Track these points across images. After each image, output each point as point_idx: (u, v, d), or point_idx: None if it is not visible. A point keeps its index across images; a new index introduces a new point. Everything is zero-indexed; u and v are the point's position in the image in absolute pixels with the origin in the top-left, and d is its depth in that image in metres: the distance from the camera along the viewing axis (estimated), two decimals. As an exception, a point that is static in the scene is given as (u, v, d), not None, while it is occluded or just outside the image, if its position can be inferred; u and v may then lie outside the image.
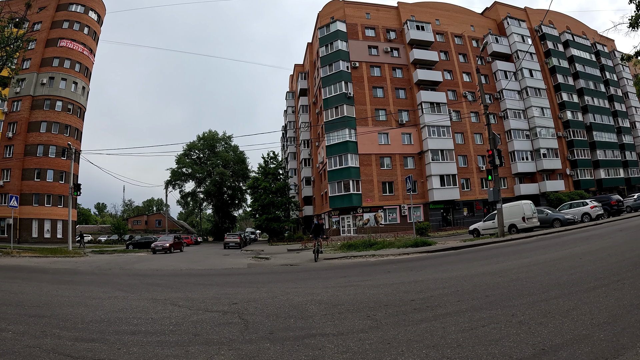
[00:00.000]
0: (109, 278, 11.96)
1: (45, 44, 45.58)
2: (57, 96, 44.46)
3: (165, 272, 14.08)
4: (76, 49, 46.32)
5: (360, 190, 39.24)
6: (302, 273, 12.23)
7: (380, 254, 17.39)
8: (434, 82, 43.78)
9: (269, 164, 47.90)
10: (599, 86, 57.10)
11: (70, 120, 45.16)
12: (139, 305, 6.57)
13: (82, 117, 47.26)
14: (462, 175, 43.22)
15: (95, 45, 49.45)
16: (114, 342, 4.26)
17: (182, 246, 33.90)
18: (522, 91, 49.15)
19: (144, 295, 7.83)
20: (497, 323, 4.38)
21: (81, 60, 46.80)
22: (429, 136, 41.41)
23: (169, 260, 20.98)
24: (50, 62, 45.13)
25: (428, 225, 34.39)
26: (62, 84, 45.02)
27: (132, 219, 73.22)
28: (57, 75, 44.80)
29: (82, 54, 46.92)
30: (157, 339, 4.37)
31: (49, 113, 43.89)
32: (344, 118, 39.97)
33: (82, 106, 46.79)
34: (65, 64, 45.44)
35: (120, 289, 8.93)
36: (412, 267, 11.33)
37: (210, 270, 14.57)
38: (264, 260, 19.68)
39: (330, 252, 21.49)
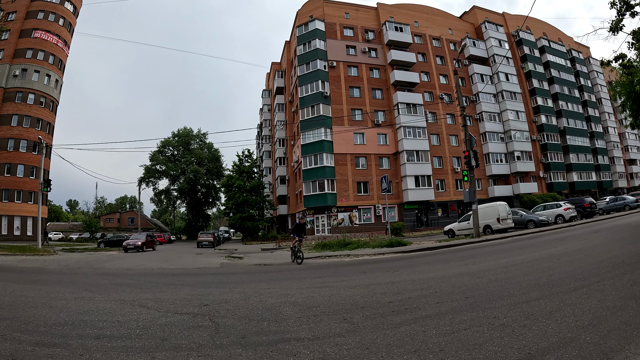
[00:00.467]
0: (77, 278, 11.64)
1: (19, 34, 44.21)
2: (30, 89, 43.15)
3: (136, 271, 13.76)
4: (50, 40, 45.04)
5: (335, 190, 39.01)
6: (275, 273, 12.02)
7: (355, 254, 17.28)
8: (410, 83, 43.85)
9: (244, 162, 47.37)
10: (573, 91, 58.15)
11: (43, 114, 43.88)
12: (106, 307, 6.34)
13: (54, 110, 45.98)
14: (437, 176, 43.37)
15: (70, 37, 48.19)
16: (77, 348, 4.06)
17: (155, 245, 33.19)
18: (497, 94, 49.62)
19: (112, 296, 7.60)
20: (480, 326, 4.30)
21: (55, 52, 45.54)
22: (405, 137, 41.42)
23: (141, 259, 20.52)
24: (23, 54, 43.75)
25: (403, 225, 34.32)
26: (35, 77, 43.71)
27: (105, 216, 71.63)
28: (30, 67, 43.48)
29: (57, 45, 45.66)
30: (122, 344, 4.17)
31: (21, 106, 42.55)
32: (319, 117, 39.68)
33: (55, 100, 45.52)
34: (38, 55, 44.14)
35: (88, 290, 8.68)
36: (388, 268, 11.18)
37: (182, 270, 14.24)
38: (238, 260, 19.30)
39: (304, 252, 21.18)
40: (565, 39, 63.06)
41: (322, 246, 21.92)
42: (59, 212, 70.47)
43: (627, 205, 31.07)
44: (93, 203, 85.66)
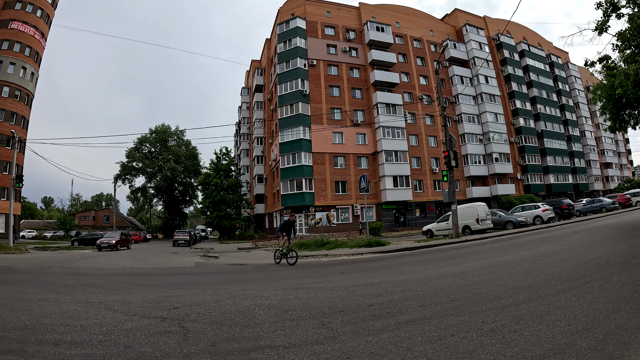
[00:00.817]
0: (45, 277, 11.06)
1: (-5, 25, 42.81)
2: (4, 81, 41.75)
3: (107, 271, 13.21)
4: (27, 32, 43.70)
5: (313, 189, 38.63)
6: (251, 274, 11.56)
7: (333, 254, 16.92)
8: (390, 83, 43.75)
9: (221, 160, 46.62)
10: (551, 95, 58.88)
11: (17, 108, 42.50)
12: (70, 310, 5.94)
13: (29, 104, 44.62)
14: (416, 176, 43.34)
15: (47, 29, 46.87)
16: (33, 355, 3.79)
17: (130, 243, 32.34)
18: (477, 97, 49.90)
19: (78, 298, 7.08)
20: (468, 331, 4.04)
21: (32, 44, 44.19)
22: (384, 137, 41.27)
23: (114, 258, 19.87)
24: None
25: (381, 225, 34.10)
26: (10, 69, 42.30)
27: (80, 214, 69.73)
28: (5, 59, 42.07)
29: (34, 37, 44.32)
30: (81, 352, 3.86)
31: (-5, 99, 41.17)
32: (298, 116, 39.26)
33: (30, 93, 44.16)
34: (14, 47, 42.75)
35: (55, 290, 8.21)
36: (367, 269, 10.83)
37: (154, 270, 13.70)
38: (213, 259, 18.76)
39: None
40: (544, 43, 63.87)
41: (299, 246, 21.47)
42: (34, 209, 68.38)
43: (604, 207, 31.53)
44: (68, 200, 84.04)
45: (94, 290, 8.31)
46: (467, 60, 51.18)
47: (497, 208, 36.16)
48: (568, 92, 63.64)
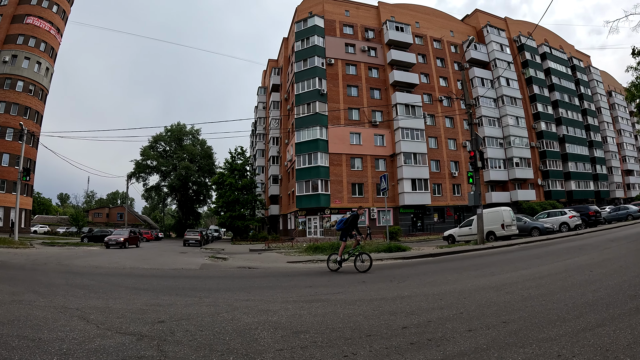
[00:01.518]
0: (35, 275, 9.93)
1: (11, 19, 42.33)
2: (19, 76, 41.21)
3: (104, 270, 12.03)
4: (43, 27, 43.11)
5: (329, 191, 37.14)
6: (259, 279, 10.15)
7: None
8: (410, 84, 42.12)
9: (236, 160, 45.35)
10: (573, 99, 56.67)
11: (31, 102, 41.85)
12: (39, 316, 4.95)
13: (44, 99, 43.96)
14: (434, 180, 41.60)
15: (63, 25, 46.25)
16: None
17: (139, 241, 31.23)
18: (498, 99, 48.01)
19: (56, 302, 6.07)
20: None
21: (47, 39, 43.56)
22: (402, 139, 39.65)
23: (119, 256, 18.68)
24: (14, 39, 41.86)
25: (398, 229, 32.57)
26: (25, 63, 41.77)
27: (93, 210, 69.02)
28: (20, 54, 41.53)
29: (49, 33, 43.70)
30: None
31: (9, 93, 40.59)
32: (315, 115, 37.84)
33: (45, 88, 43.48)
34: (30, 42, 42.23)
35: (35, 291, 7.15)
36: (391, 277, 9.39)
37: (156, 271, 12.36)
38: (221, 261, 17.46)
39: (295, 255, 19.42)
40: (566, 46, 61.67)
41: (314, 249, 20.14)
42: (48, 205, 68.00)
43: (630, 215, 29.68)
44: (82, 197, 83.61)
45: (78, 292, 7.15)
46: (488, 62, 49.32)
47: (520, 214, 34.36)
48: (590, 96, 61.29)
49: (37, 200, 67.10)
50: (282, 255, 19.46)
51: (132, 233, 29.70)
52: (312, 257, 17.10)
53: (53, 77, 46.12)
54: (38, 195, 69.05)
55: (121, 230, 31.47)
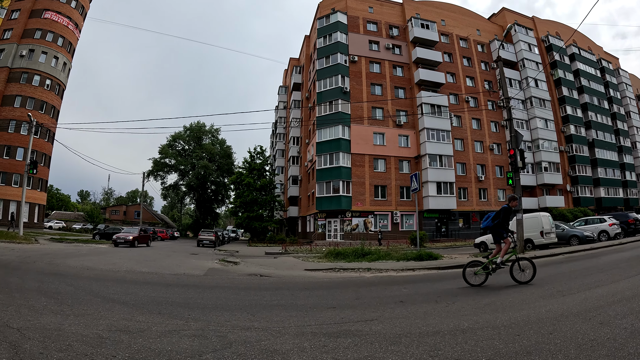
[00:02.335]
0: (8, 277, 8.23)
1: (29, 14, 41.08)
2: (36, 70, 39.85)
3: (94, 272, 10.18)
4: (61, 22, 41.73)
5: (351, 193, 34.80)
6: (270, 293, 8.01)
7: (377, 268, 13.22)
8: (436, 83, 39.54)
9: (255, 159, 43.22)
10: (602, 103, 53.35)
11: (47, 97, 40.43)
12: None
13: (60, 94, 42.54)
14: (460, 184, 38.92)
15: (82, 20, 44.86)
16: None
17: (150, 240, 29.27)
18: (526, 101, 45.10)
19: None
20: None
21: (65, 34, 42.16)
22: (428, 140, 37.11)
23: (121, 256, 16.67)
24: (32, 34, 40.56)
25: (425, 235, 30.02)
26: (42, 58, 40.40)
27: (111, 208, 67.68)
28: (37, 48, 40.18)
29: (67, 28, 42.32)
30: None
31: (25, 87, 39.23)
32: (337, 114, 35.56)
33: (62, 83, 42.04)
34: (47, 36, 40.88)
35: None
36: (434, 295, 7.27)
37: (152, 276, 10.31)
38: (231, 266, 15.34)
39: (313, 261, 17.20)
40: (594, 47, 58.30)
41: (335, 255, 17.84)
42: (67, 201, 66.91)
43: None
44: (100, 194, 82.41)
45: (40, 302, 5.49)
46: (516, 62, 46.48)
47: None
48: (619, 99, 57.72)
49: (56, 197, 66.22)
50: (300, 261, 17.30)
51: (143, 231, 27.67)
52: (334, 265, 14.85)
53: (71, 73, 44.79)
54: (57, 192, 68.13)
55: (131, 228, 29.47)
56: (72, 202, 64.71)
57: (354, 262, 15.82)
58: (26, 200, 38.07)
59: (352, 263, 15.32)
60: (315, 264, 15.69)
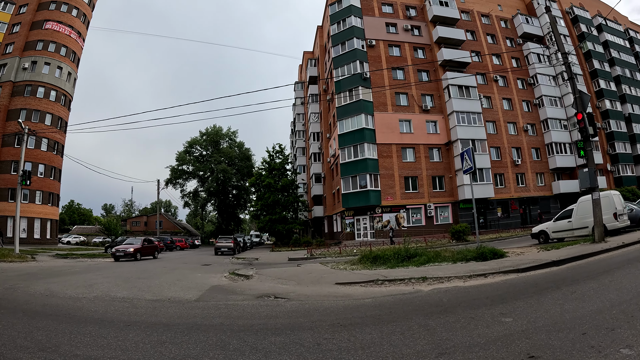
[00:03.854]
0: None
1: (30, 26, 37.88)
2: (39, 82, 36.57)
3: (47, 302, 7.19)
4: (62, 31, 38.41)
5: (379, 187, 30.39)
6: (281, 340, 4.10)
7: (434, 277, 9.08)
8: (461, 62, 34.78)
9: (274, 159, 39.06)
10: (635, 74, 47.63)
11: (53, 109, 37.06)
12: None
13: (67, 105, 39.13)
14: (495, 170, 34.08)
15: (85, 29, 41.46)
16: None
17: (158, 251, 25.08)
18: (557, 76, 39.85)
19: None
20: None
21: (68, 43, 38.80)
22: (458, 124, 32.41)
23: (110, 273, 13.07)
24: (34, 46, 37.35)
25: (467, 227, 25.50)
26: (45, 69, 37.14)
27: (132, 219, 64.56)
28: (40, 60, 36.91)
29: (69, 37, 38.95)
30: None
31: (30, 100, 35.99)
32: (359, 102, 31.19)
33: (68, 93, 38.63)
34: (49, 47, 37.62)
35: None
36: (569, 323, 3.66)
37: (121, 306, 6.76)
38: (242, 281, 11.34)
39: (345, 268, 13.03)
40: (619, 18, 52.39)
41: (371, 259, 13.50)
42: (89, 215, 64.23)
43: None
44: (121, 206, 79.18)
45: None
46: (542, 36, 41.25)
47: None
48: (651, 71, 51.92)
49: (78, 212, 63.40)
50: (329, 269, 13.15)
51: (147, 242, 23.50)
52: (373, 273, 10.60)
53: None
54: (79, 206, 65.38)
55: (133, 239, 24.87)
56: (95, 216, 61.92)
57: (397, 267, 11.61)
58: (37, 216, 34.81)
59: (396, 270, 11.06)
60: (349, 273, 11.48)
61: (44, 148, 35.69)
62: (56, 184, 37.45)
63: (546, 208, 36.68)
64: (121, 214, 71.37)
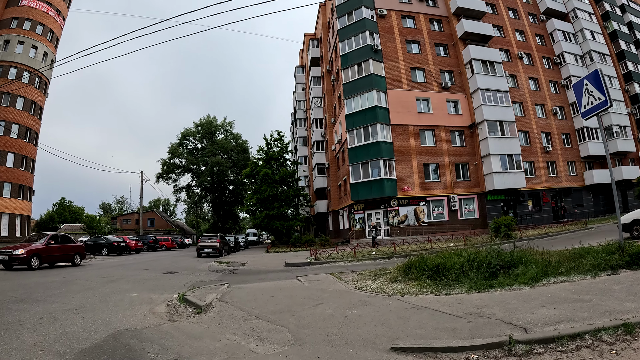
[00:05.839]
0: None
1: (5, 4, 31.74)
2: (11, 62, 30.37)
3: None
4: (39, 8, 32.26)
5: (395, 175, 24.04)
6: None
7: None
8: (484, 36, 28.48)
9: (272, 147, 32.68)
10: (660, 58, 41.30)
11: (25, 92, 30.77)
12: None
13: (42, 89, 32.85)
14: (524, 157, 27.68)
15: (65, 6, 35.22)
16: None
17: (80, 255, 15.55)
18: (584, 56, 33.56)
19: None
20: None
21: (44, 21, 32.61)
22: (484, 103, 26.07)
23: None
24: (8, 24, 31.21)
25: (513, 221, 19.08)
26: (18, 48, 30.90)
27: (122, 217, 57.90)
28: (13, 38, 30.74)
29: (47, 14, 32.75)
30: None
31: (0, 81, 29.66)
32: (370, 77, 24.90)
33: (43, 76, 32.31)
34: (24, 25, 31.50)
35: None
36: None
37: None
38: (184, 319, 5.49)
39: (380, 288, 6.91)
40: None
41: (427, 272, 7.22)
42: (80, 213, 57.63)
43: None
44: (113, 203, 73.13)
45: None
46: (566, 13, 35.02)
47: None
48: (672, 57, 45.59)
49: (69, 209, 56.97)
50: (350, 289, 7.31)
51: (56, 240, 14.27)
52: (454, 302, 4.50)
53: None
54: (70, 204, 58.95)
55: (39, 236, 14.81)
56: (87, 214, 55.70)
57: (492, 289, 5.23)
58: (5, 211, 28.45)
59: (487, 293, 4.81)
60: (399, 304, 5.17)
61: (14, 135, 29.45)
62: (28, 176, 31.16)
63: (578, 201, 30.36)
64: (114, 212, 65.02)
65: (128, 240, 25.37)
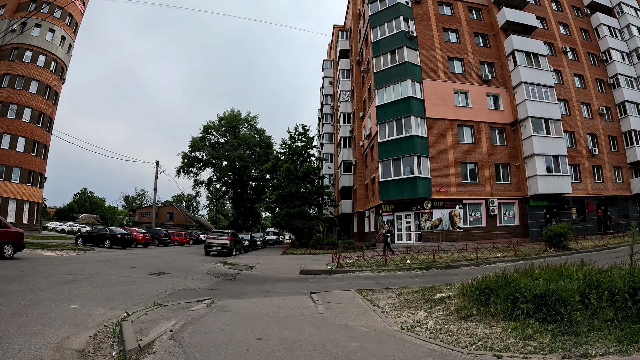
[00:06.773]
0: None
1: (24, -13, 29.74)
2: (27, 44, 28.52)
3: None
4: (58, -9, 30.11)
5: (429, 174, 21.01)
6: None
7: None
8: (527, 26, 25.27)
9: (297, 141, 29.75)
10: None
11: (40, 75, 28.77)
12: None
13: (59, 74, 30.77)
14: (570, 160, 24.26)
15: (86, -9, 33.15)
16: None
17: (13, 245, 11.17)
18: (631, 54, 29.93)
19: None
20: None
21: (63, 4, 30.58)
22: (528, 98, 22.84)
23: None
24: (26, 7, 29.30)
25: (569, 229, 15.90)
26: (35, 31, 28.99)
27: (141, 210, 55.84)
28: (30, 21, 28.75)
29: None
30: None
31: (14, 65, 27.97)
32: (404, 65, 21.94)
33: (60, 60, 30.24)
34: (42, 7, 29.41)
35: None
36: None
37: None
38: None
39: (445, 332, 4.04)
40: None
41: (510, 303, 4.31)
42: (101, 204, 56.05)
43: None
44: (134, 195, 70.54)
45: None
46: (611, 7, 31.48)
47: None
48: None
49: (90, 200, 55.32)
50: (392, 327, 4.76)
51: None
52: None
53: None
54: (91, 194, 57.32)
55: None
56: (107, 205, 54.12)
57: None
58: (13, 197, 26.29)
59: None
60: None
61: (27, 119, 27.36)
62: (39, 162, 29.09)
63: (624, 211, 26.72)
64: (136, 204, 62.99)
65: (135, 232, 22.87)
